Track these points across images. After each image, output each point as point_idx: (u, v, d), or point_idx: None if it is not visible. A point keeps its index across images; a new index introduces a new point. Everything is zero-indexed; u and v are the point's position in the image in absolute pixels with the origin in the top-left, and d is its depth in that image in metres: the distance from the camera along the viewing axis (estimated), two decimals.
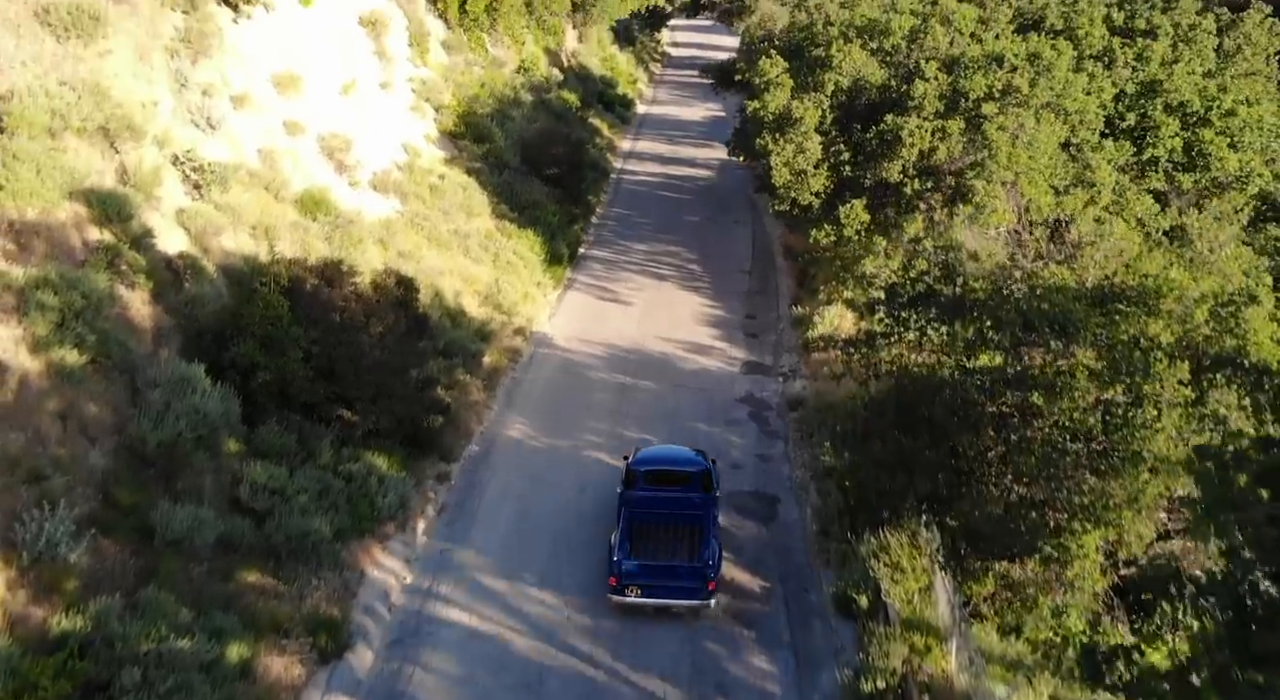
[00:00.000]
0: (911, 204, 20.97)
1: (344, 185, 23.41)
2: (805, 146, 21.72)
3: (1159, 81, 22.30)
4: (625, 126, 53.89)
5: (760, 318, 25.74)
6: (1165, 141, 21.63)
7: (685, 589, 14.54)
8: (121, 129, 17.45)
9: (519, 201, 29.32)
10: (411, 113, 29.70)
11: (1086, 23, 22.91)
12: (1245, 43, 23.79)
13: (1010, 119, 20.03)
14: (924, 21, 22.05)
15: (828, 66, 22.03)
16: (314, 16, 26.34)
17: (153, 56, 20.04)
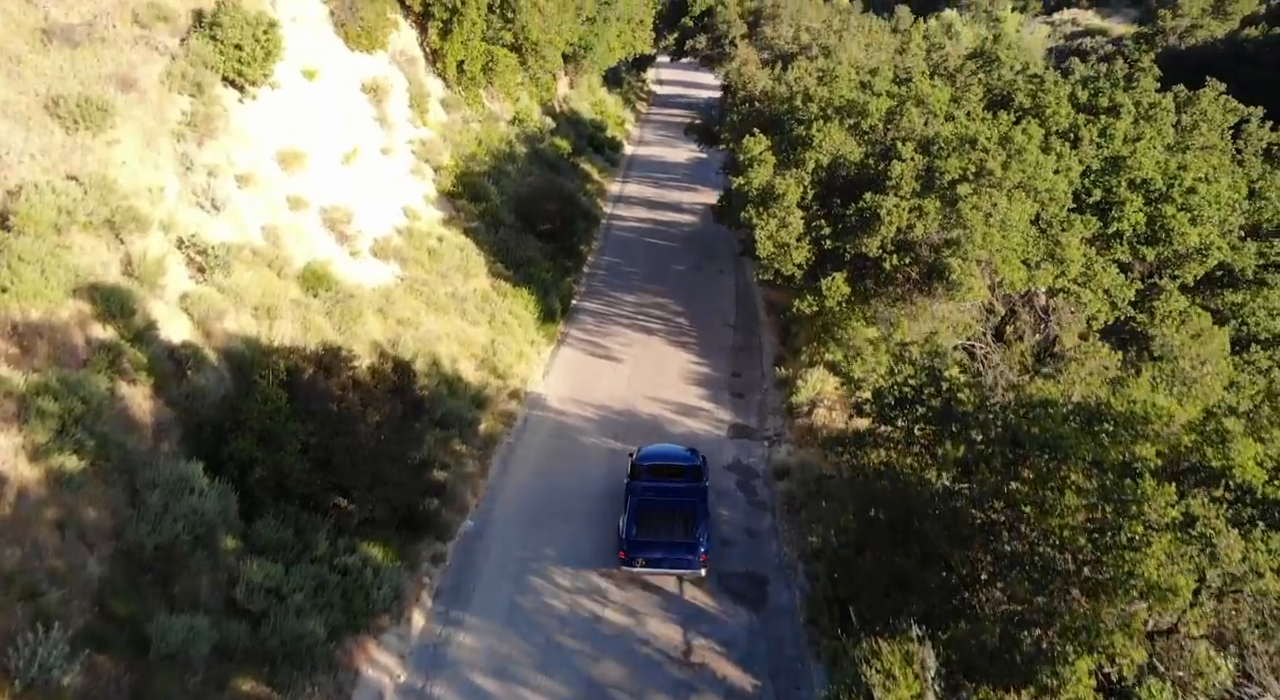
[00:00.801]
0: (890, 277, 20.41)
1: (345, 256, 22.74)
2: (788, 221, 21.18)
3: (1123, 158, 21.86)
4: (614, 169, 53.35)
5: (745, 375, 25.15)
6: (1130, 216, 21.17)
7: (682, 560, 16.73)
8: (127, 221, 16.79)
9: (514, 259, 28.69)
10: (411, 175, 29.05)
11: (1053, 101, 22.45)
12: (1201, 118, 23.39)
13: (984, 199, 19.54)
14: (900, 103, 21.54)
15: (808, 145, 21.49)
16: (317, 89, 25.72)
17: (159, 141, 19.37)
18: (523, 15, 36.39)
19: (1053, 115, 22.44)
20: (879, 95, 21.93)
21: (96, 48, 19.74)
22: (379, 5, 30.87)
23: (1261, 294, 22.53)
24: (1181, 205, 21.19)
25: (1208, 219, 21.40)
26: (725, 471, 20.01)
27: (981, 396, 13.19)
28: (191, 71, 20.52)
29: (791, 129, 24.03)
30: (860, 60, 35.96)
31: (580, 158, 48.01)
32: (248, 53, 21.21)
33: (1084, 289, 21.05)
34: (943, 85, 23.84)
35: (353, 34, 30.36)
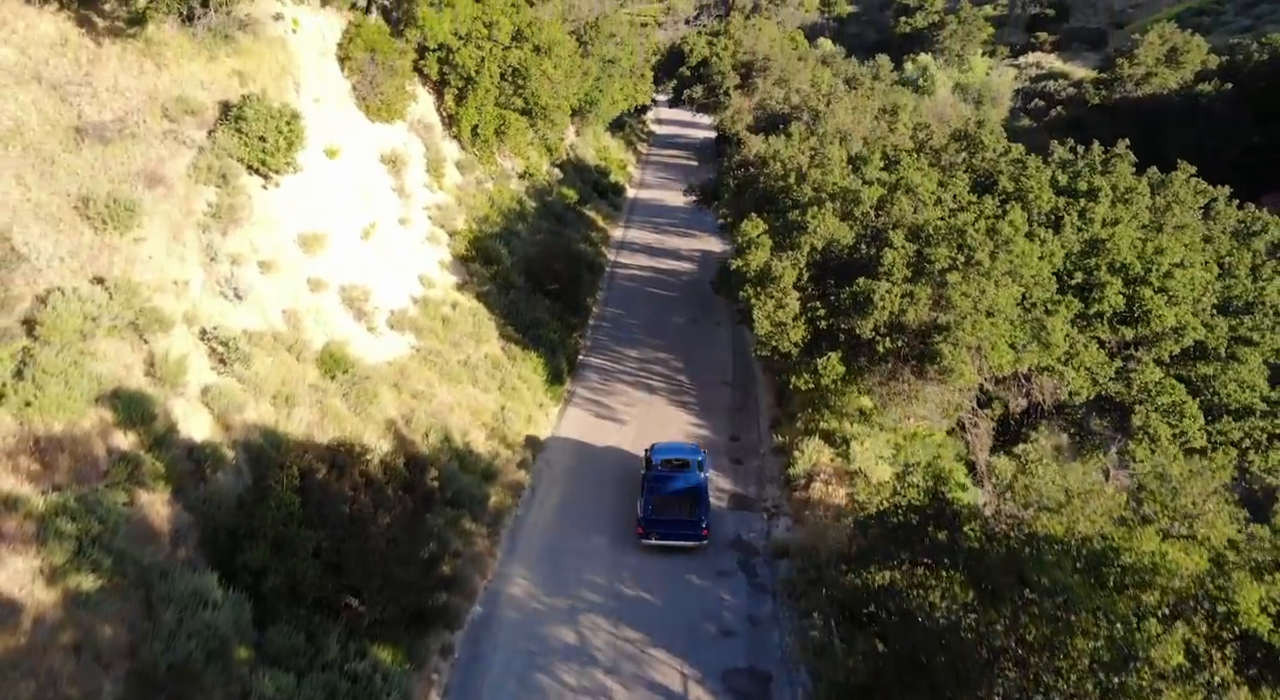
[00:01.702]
0: (883, 357, 19.54)
1: (363, 332, 21.90)
2: (784, 302, 20.34)
3: (1102, 241, 21.02)
4: (617, 214, 52.56)
5: (743, 439, 24.26)
6: (1110, 298, 20.33)
7: (687, 534, 19.35)
8: (150, 322, 16.00)
9: (524, 321, 27.84)
10: (427, 242, 28.22)
11: (1036, 186, 21.60)
12: (1175, 201, 22.55)
13: (973, 286, 18.67)
14: (890, 191, 20.68)
15: (803, 229, 20.63)
16: (339, 166, 24.90)
17: (185, 234, 18.55)
18: (533, 83, 35.63)
19: (1035, 199, 21.59)
20: (870, 183, 21.08)
21: (127, 144, 18.94)
22: (398, 80, 30.10)
23: (1232, 367, 21.69)
24: (1159, 288, 20.35)
25: (1183, 300, 20.57)
26: (727, 549, 19.10)
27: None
28: (217, 164, 19.73)
29: (786, 208, 23.22)
30: (847, 126, 35.14)
31: (586, 206, 47.24)
32: (271, 144, 20.39)
33: (1067, 368, 20.20)
34: (929, 168, 23.00)
35: (373, 107, 29.59)
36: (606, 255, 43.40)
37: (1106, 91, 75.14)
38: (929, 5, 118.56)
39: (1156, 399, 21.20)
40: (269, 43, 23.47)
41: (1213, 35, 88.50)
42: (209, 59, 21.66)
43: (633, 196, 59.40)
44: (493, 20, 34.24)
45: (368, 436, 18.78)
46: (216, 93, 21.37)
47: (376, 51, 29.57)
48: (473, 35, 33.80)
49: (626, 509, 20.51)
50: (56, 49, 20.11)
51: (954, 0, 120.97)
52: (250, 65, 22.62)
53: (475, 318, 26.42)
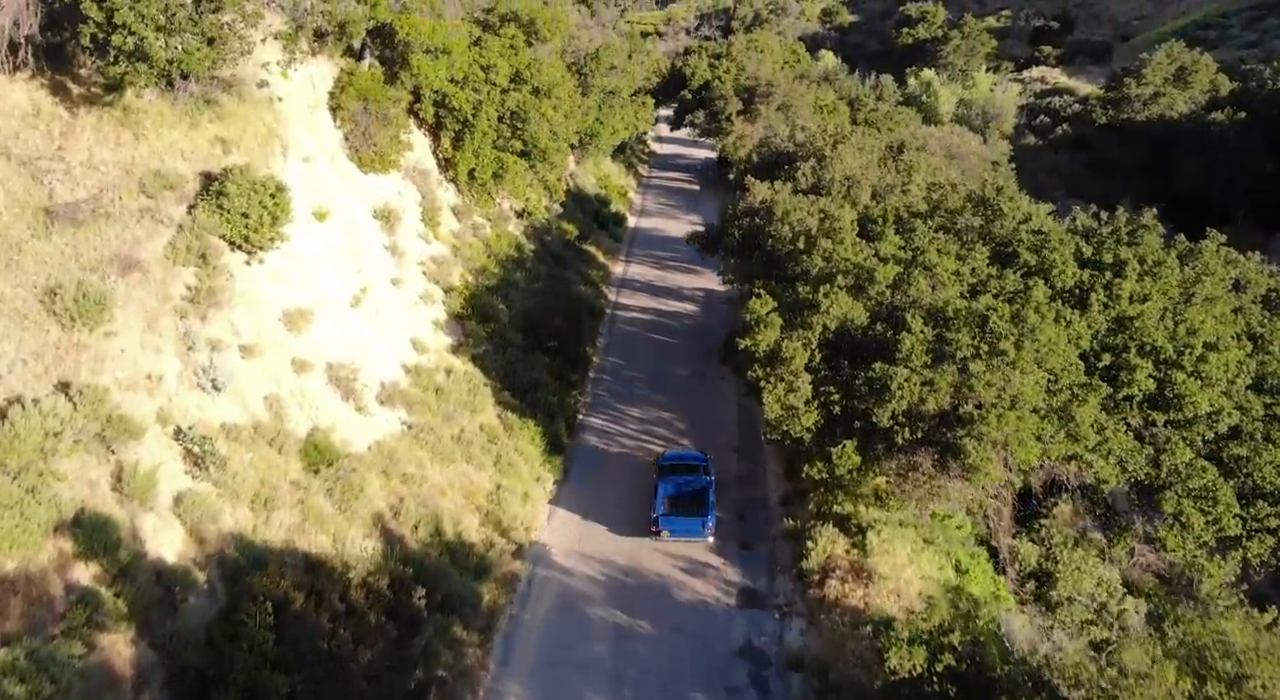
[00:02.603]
0: (902, 449, 18.48)
1: (351, 412, 20.87)
2: (796, 385, 19.28)
3: (1130, 318, 19.99)
4: (618, 246, 51.55)
5: (750, 518, 23.17)
6: (1140, 382, 19.27)
7: (695, 531, 21.68)
8: (119, 433, 14.93)
9: (521, 384, 26.79)
10: (420, 301, 27.20)
11: (1059, 260, 20.57)
12: (1205, 272, 21.51)
13: (997, 375, 17.62)
14: (907, 268, 19.65)
15: (815, 308, 19.59)
16: (328, 229, 23.90)
17: (160, 322, 17.54)
18: (531, 126, 34.66)
19: (1059, 275, 20.55)
20: (885, 261, 20.03)
21: (100, 225, 17.95)
22: (391, 129, 29.15)
23: (1268, 449, 20.62)
24: (1192, 372, 19.30)
25: (1217, 381, 19.52)
26: (736, 658, 17.96)
27: None
28: (196, 244, 18.73)
29: (795, 276, 22.20)
30: (854, 172, 34.09)
31: (586, 241, 46.23)
32: (254, 219, 19.40)
33: (1095, 456, 19.15)
34: (945, 240, 21.94)
35: (366, 159, 28.64)
36: (607, 295, 42.38)
37: (1113, 111, 74.30)
38: (931, 17, 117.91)
39: (1187, 481, 20.16)
40: (255, 104, 22.49)
41: (1219, 50, 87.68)
42: (190, 126, 20.68)
43: (634, 226, 58.37)
44: (490, 63, 33.30)
45: (352, 535, 17.73)
46: (198, 163, 20.38)
47: (370, 100, 28.63)
48: (470, 78, 32.86)
49: (626, 606, 19.44)
50: (28, 121, 19.15)
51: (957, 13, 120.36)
52: (234, 130, 21.63)
53: (470, 383, 25.37)
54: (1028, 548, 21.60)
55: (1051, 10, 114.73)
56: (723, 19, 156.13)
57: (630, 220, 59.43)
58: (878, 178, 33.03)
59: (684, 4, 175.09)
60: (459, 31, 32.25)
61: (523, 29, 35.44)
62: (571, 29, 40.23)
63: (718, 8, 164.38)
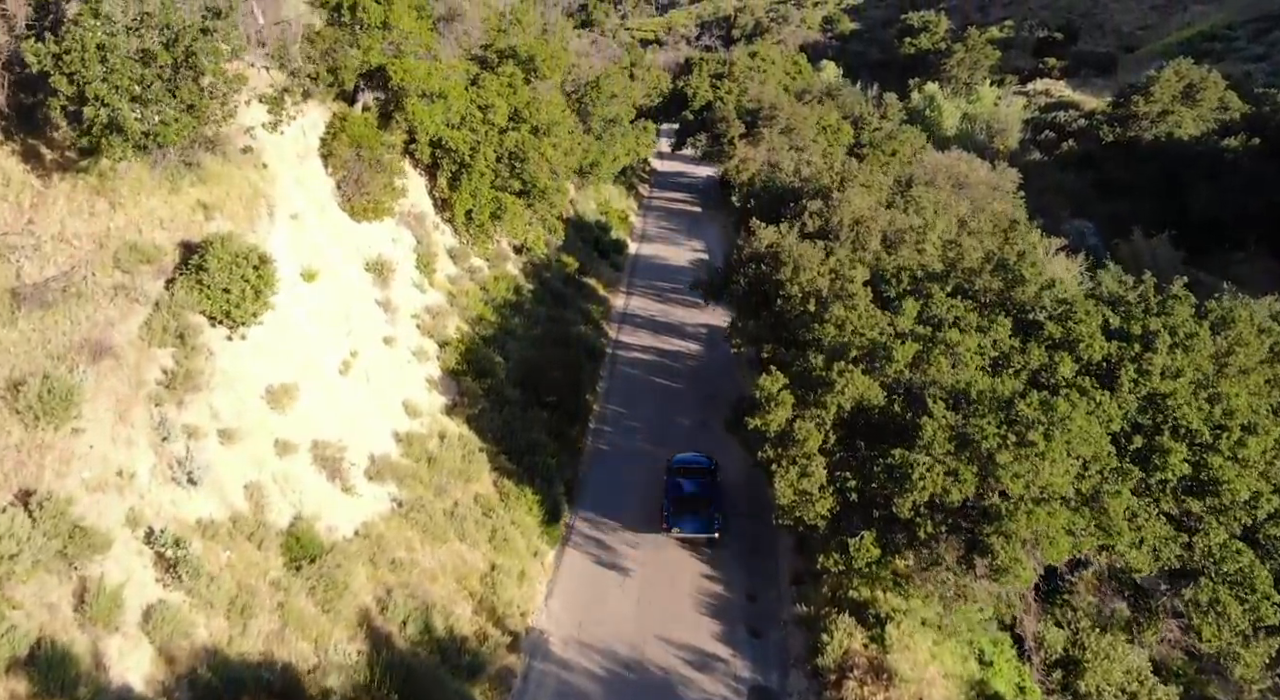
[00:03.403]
0: (924, 542, 17.45)
1: (337, 493, 19.83)
2: (810, 470, 18.26)
3: (1163, 396, 19.00)
4: (618, 276, 50.59)
5: (761, 598, 22.09)
6: (1174, 467, 18.27)
7: (702, 529, 23.95)
8: (82, 549, 13.86)
9: (518, 445, 25.76)
10: (414, 359, 26.19)
11: (1085, 333, 19.58)
12: (1238, 343, 20.54)
13: (1025, 466, 16.62)
14: (926, 347, 18.65)
15: (829, 386, 18.58)
16: (317, 290, 22.89)
17: (133, 412, 16.51)
18: (530, 166, 33.73)
19: (1086, 349, 19.55)
20: (903, 338, 19.03)
21: (71, 305, 16.96)
22: (385, 176, 28.20)
23: None
24: (1229, 456, 18.31)
25: (1254, 465, 18.52)
26: None
27: None
28: (174, 323, 17.75)
29: (806, 343, 21.22)
30: (863, 214, 33.15)
31: (587, 274, 45.22)
32: (236, 295, 18.38)
33: (1127, 545, 18.13)
34: (965, 308, 20.94)
35: (359, 208, 27.70)
36: (608, 332, 41.37)
37: (1120, 128, 73.46)
38: (934, 27, 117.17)
39: (1221, 565, 19.15)
40: (239, 162, 21.52)
41: (1226, 63, 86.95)
42: (170, 191, 19.68)
43: (634, 252, 57.36)
44: (488, 103, 32.37)
45: (336, 639, 16.68)
46: (178, 231, 19.39)
47: (363, 146, 27.69)
48: (467, 119, 31.91)
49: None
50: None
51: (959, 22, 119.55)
52: (217, 192, 20.65)
53: (465, 448, 24.33)
54: (1054, 633, 20.55)
55: (1055, 20, 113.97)
56: (723, 27, 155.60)
57: (631, 246, 58.44)
58: (887, 222, 32.11)
59: (684, 10, 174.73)
60: (455, 73, 31.32)
61: (521, 66, 34.55)
62: (571, 62, 39.24)
63: (718, 15, 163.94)
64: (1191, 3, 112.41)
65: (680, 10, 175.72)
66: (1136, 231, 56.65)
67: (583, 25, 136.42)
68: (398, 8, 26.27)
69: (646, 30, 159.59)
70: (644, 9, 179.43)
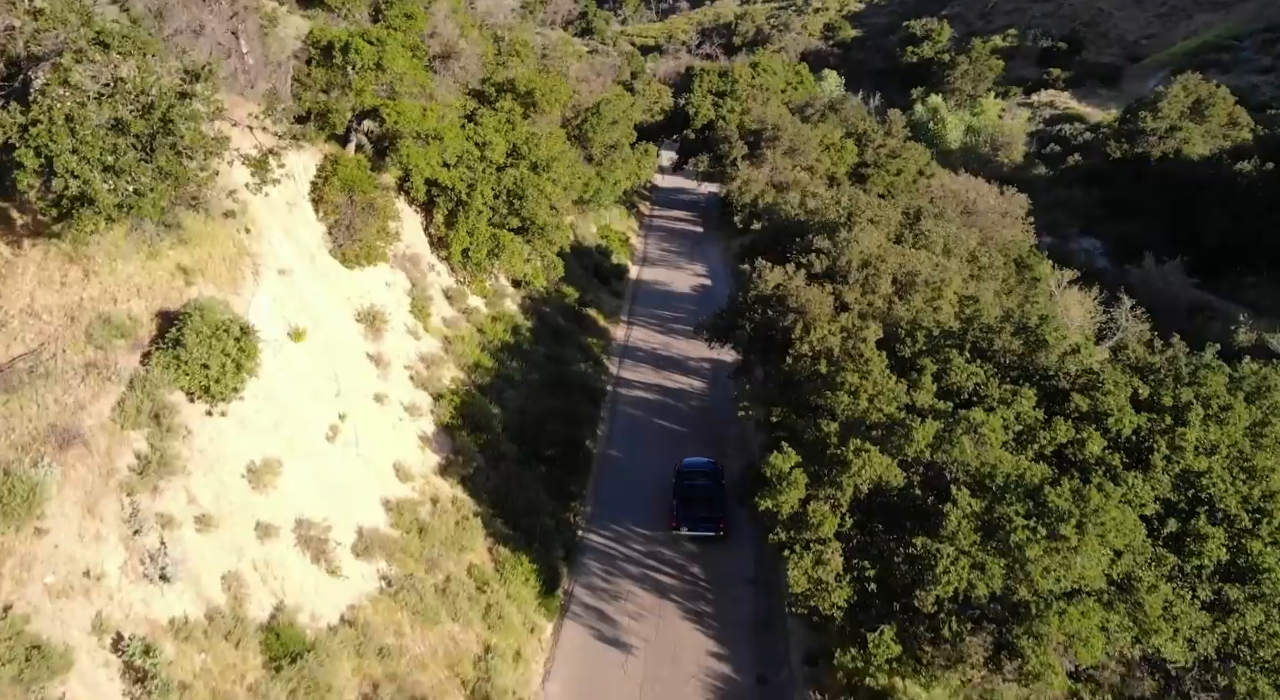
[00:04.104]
0: (949, 641, 16.46)
1: (322, 575, 18.82)
2: (825, 557, 17.28)
3: (1198, 474, 18.05)
4: (619, 304, 49.67)
5: (771, 681, 21.07)
6: (1211, 552, 17.30)
7: (708, 528, 26.11)
8: (40, 673, 12.82)
9: (515, 507, 24.79)
10: (407, 415, 25.22)
11: (1114, 405, 18.62)
12: (1274, 413, 19.58)
13: (1057, 560, 15.65)
14: (948, 426, 17.67)
15: (845, 466, 17.61)
16: (304, 350, 21.90)
17: (103, 505, 15.54)
18: (529, 203, 32.80)
19: (1115, 423, 18.59)
20: (922, 415, 18.04)
21: (39, 388, 15.98)
22: (379, 221, 27.31)
23: None
24: (1270, 540, 17.35)
25: None
26: None
27: None
28: (148, 403, 16.76)
29: (817, 405, 20.24)
30: (872, 252, 32.21)
31: (587, 305, 44.25)
32: (216, 370, 17.41)
33: (1162, 638, 17.14)
34: (987, 373, 19.98)
35: (351, 255, 26.82)
36: (609, 367, 40.40)
37: (1128, 144, 72.63)
38: (936, 35, 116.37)
39: (1259, 650, 18.17)
40: (222, 220, 20.56)
41: (1232, 75, 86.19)
42: (149, 256, 18.71)
43: (635, 277, 56.38)
44: (486, 141, 31.45)
45: None
46: (156, 299, 18.42)
47: (355, 190, 26.78)
48: (464, 157, 30.99)
49: None
50: None
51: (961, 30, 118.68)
52: (199, 254, 19.70)
53: (459, 513, 23.33)
54: None
55: (1058, 28, 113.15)
56: (724, 35, 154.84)
57: (632, 270, 57.45)
58: (898, 264, 31.17)
59: (684, 16, 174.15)
60: (451, 111, 30.39)
61: (520, 101, 33.63)
62: (569, 97, 38.33)
63: (719, 22, 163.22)
64: (1196, 11, 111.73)
65: (680, 16, 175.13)
66: (1148, 257, 55.77)
67: (582, 33, 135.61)
68: (391, 49, 25.36)
69: (647, 36, 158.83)
70: (644, 14, 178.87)
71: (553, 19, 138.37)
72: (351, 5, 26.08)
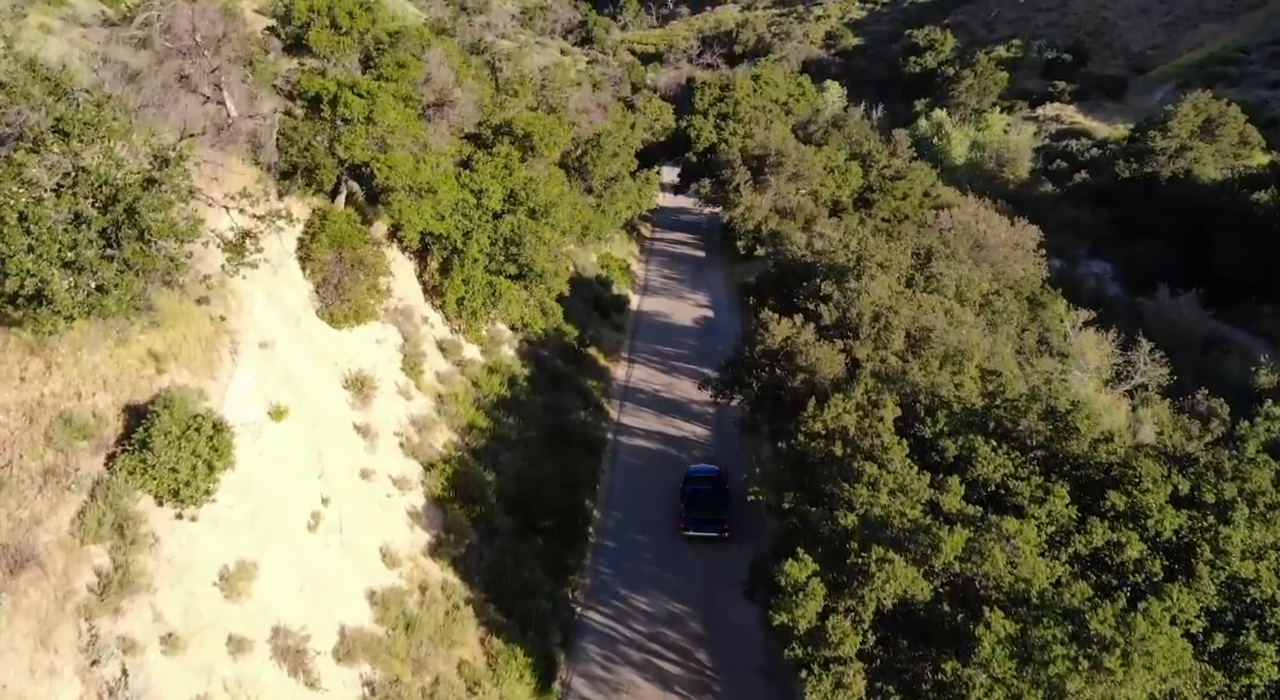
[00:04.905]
0: None
1: (301, 689, 17.52)
2: (845, 680, 16.07)
3: (1246, 582, 16.86)
4: (619, 338, 48.38)
5: None
6: (1262, 672, 16.11)
7: (713, 529, 28.47)
8: None
9: (510, 589, 23.53)
10: (396, 489, 23.98)
11: (1153, 505, 17.42)
12: None
13: (1099, 692, 14.45)
14: (977, 534, 16.46)
15: (866, 576, 16.39)
16: (286, 429, 20.64)
17: (58, 632, 14.33)
18: (528, 250, 31.61)
19: (1155, 525, 17.39)
20: (951, 525, 16.83)
21: None
22: (370, 279, 26.08)
23: None
24: None
25: None
26: None
27: None
28: (111, 514, 15.50)
29: (832, 494, 19.02)
30: (883, 301, 31.06)
31: (587, 344, 42.95)
32: (185, 473, 16.16)
33: None
34: (1016, 465, 18.80)
35: (339, 315, 25.58)
36: (609, 411, 39.13)
37: (1137, 164, 71.56)
38: (940, 45, 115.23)
39: None
40: (197, 299, 19.34)
41: (1240, 89, 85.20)
42: (117, 343, 17.48)
43: (636, 308, 55.11)
44: (482, 188, 30.27)
45: None
46: (123, 392, 17.19)
47: (345, 246, 25.59)
48: (460, 205, 29.81)
49: None
50: None
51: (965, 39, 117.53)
52: (172, 337, 18.48)
53: (450, 600, 22.04)
54: None
55: (1063, 39, 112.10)
56: (725, 43, 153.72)
57: (633, 300, 56.19)
58: (911, 319, 30.01)
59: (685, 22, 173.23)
60: (446, 159, 29.20)
61: (517, 145, 32.45)
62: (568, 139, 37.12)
63: (719, 30, 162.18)
64: (1202, 20, 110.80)
65: (681, 22, 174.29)
66: (1163, 289, 54.67)
67: (582, 42, 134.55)
68: (382, 102, 24.18)
69: (647, 43, 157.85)
70: (644, 19, 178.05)
71: (552, 28, 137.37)
72: (340, 53, 24.92)
